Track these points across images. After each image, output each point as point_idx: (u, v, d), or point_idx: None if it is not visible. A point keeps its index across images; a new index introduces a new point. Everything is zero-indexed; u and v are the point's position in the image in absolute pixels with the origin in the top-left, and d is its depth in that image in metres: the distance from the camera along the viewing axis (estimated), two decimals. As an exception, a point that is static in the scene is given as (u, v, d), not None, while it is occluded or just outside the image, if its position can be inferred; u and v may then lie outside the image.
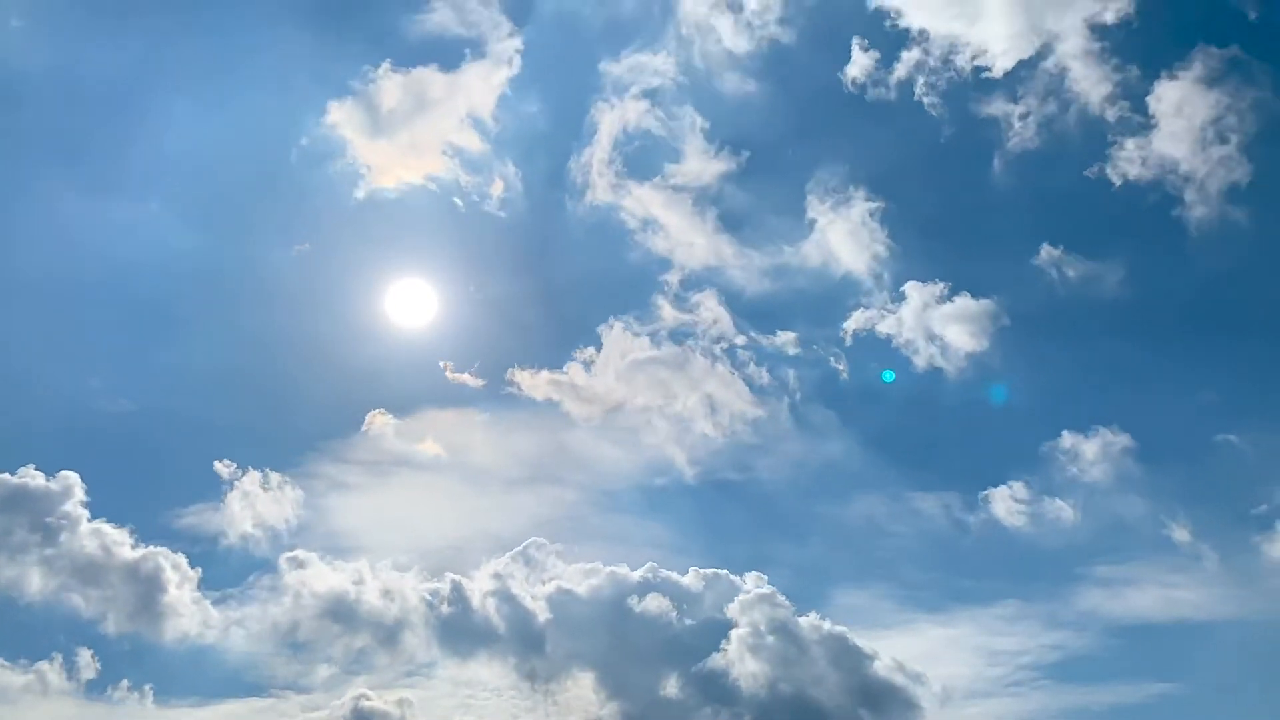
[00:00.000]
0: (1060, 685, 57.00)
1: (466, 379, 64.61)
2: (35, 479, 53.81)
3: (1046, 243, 63.68)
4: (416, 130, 67.41)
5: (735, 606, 54.97)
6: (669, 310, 66.58)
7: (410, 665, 55.29)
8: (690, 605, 55.32)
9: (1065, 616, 58.45)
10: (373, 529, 61.22)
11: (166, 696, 52.82)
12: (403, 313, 66.65)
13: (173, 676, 53.31)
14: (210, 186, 68.69)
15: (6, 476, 53.59)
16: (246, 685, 54.60)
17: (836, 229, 65.86)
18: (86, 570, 52.96)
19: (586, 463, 66.01)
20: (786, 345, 65.92)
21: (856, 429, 66.32)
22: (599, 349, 65.60)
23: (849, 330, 65.14)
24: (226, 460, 58.55)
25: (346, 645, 54.66)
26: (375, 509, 62.95)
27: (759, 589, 55.34)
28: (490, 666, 54.87)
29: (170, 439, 64.06)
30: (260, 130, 69.10)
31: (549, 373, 65.07)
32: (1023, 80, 63.28)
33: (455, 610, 55.25)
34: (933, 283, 63.80)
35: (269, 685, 54.43)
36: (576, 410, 65.20)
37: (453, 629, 55.09)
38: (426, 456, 64.11)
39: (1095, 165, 62.62)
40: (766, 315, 67.58)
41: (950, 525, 62.48)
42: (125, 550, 53.84)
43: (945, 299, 63.60)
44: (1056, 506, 59.61)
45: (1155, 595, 57.95)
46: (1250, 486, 57.69)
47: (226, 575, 56.06)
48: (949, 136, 66.09)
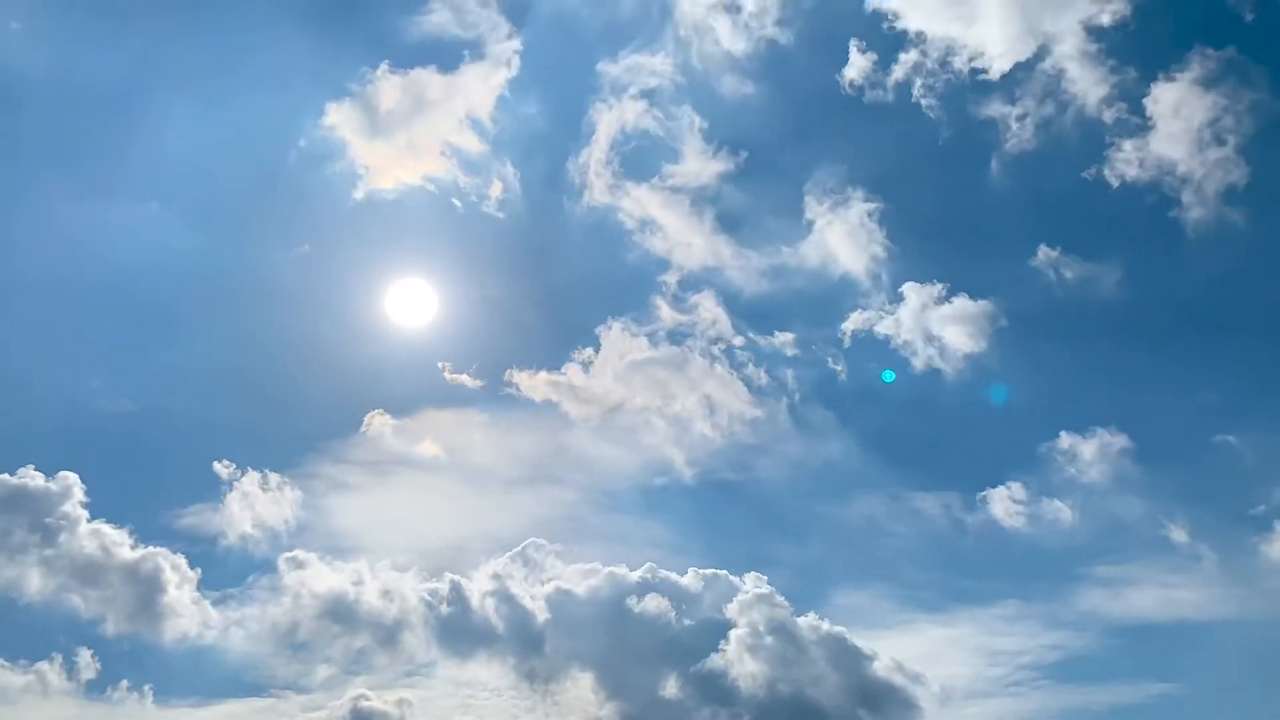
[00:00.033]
0: (1060, 685, 57.17)
1: (465, 380, 64.75)
2: (35, 479, 53.93)
3: (1044, 244, 63.88)
4: (415, 131, 67.57)
5: (734, 607, 55.12)
6: (667, 311, 66.76)
7: (410, 665, 55.44)
8: (689, 605, 55.46)
9: (1065, 616, 58.65)
10: (372, 529, 61.38)
11: (166, 697, 52.97)
12: (401, 313, 66.82)
13: (172, 677, 53.47)
14: (209, 187, 68.93)
15: (6, 477, 53.76)
16: (246, 685, 54.75)
17: (835, 230, 66.07)
18: (86, 571, 53.10)
19: (585, 463, 66.15)
20: (785, 346, 66.10)
21: (855, 430, 66.52)
22: (597, 350, 65.81)
23: (847, 331, 65.34)
24: (226, 461, 58.73)
25: (346, 645, 54.80)
26: (374, 509, 63.11)
27: (758, 589, 55.42)
28: (489, 667, 55.03)
29: (169, 440, 64.23)
30: (259, 131, 69.29)
31: (547, 373, 65.20)
32: (1020, 82, 63.52)
33: (454, 610, 55.40)
34: (931, 284, 64.00)
35: (269, 685, 54.58)
36: (575, 411, 65.37)
37: (452, 629, 55.25)
38: (425, 457, 64.27)
39: (1093, 167, 62.92)
40: (765, 316, 67.79)
41: (949, 525, 62.68)
42: (125, 551, 54.02)
43: (943, 300, 63.83)
44: (1055, 507, 59.82)
45: (1155, 595, 58.16)
46: (1248, 487, 58.00)
47: (226, 576, 56.22)
48: (947, 138, 66.33)
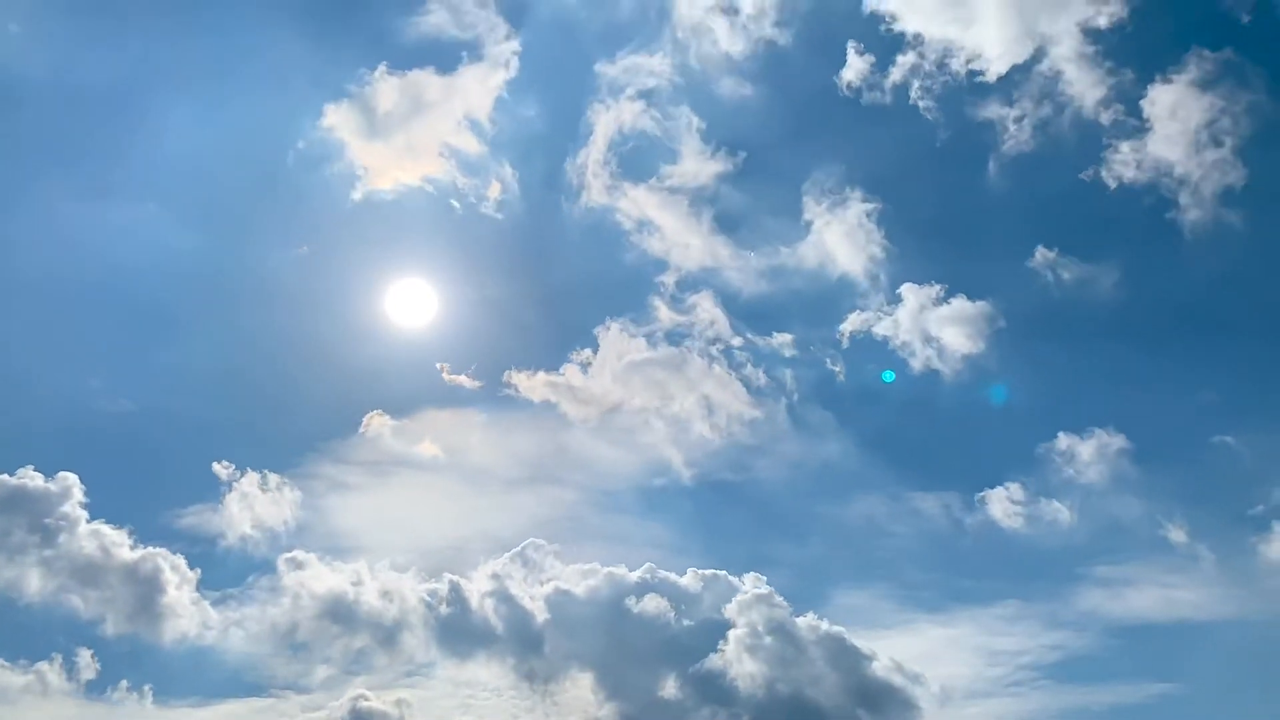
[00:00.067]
0: (1060, 685, 57.24)
1: (463, 380, 64.82)
2: (34, 480, 53.96)
3: (1042, 245, 64.03)
4: (413, 132, 67.63)
5: (733, 607, 55.18)
6: (665, 311, 66.83)
7: (409, 666, 55.47)
8: (688, 606, 55.52)
9: (1065, 616, 58.71)
10: (371, 530, 61.45)
11: (166, 697, 52.99)
12: (400, 314, 66.86)
13: (172, 677, 53.50)
14: (208, 188, 68.94)
15: (5, 477, 53.74)
16: (246, 685, 54.78)
17: (833, 230, 66.19)
18: (86, 571, 53.10)
19: (584, 464, 66.21)
20: (783, 347, 66.20)
21: (854, 430, 66.62)
22: (596, 350, 65.87)
23: (846, 332, 65.46)
24: (225, 461, 58.79)
25: (345, 646, 54.81)
26: (373, 510, 63.17)
27: (757, 589, 55.49)
28: (489, 667, 55.07)
29: (169, 440, 64.30)
30: (257, 132, 69.27)
31: (546, 374, 65.26)
32: (1017, 84, 63.70)
33: (454, 611, 55.43)
34: (929, 284, 64.17)
35: (268, 685, 54.59)
36: (574, 411, 65.43)
37: (451, 629, 55.29)
38: (424, 457, 64.30)
39: (1090, 168, 63.10)
40: (763, 317, 67.89)
41: (949, 526, 62.77)
42: (124, 551, 54.04)
43: (941, 301, 63.94)
44: (1053, 508, 59.87)
45: (1154, 596, 58.23)
46: (1247, 487, 58.10)
47: (225, 576, 56.25)
48: (944, 139, 66.50)
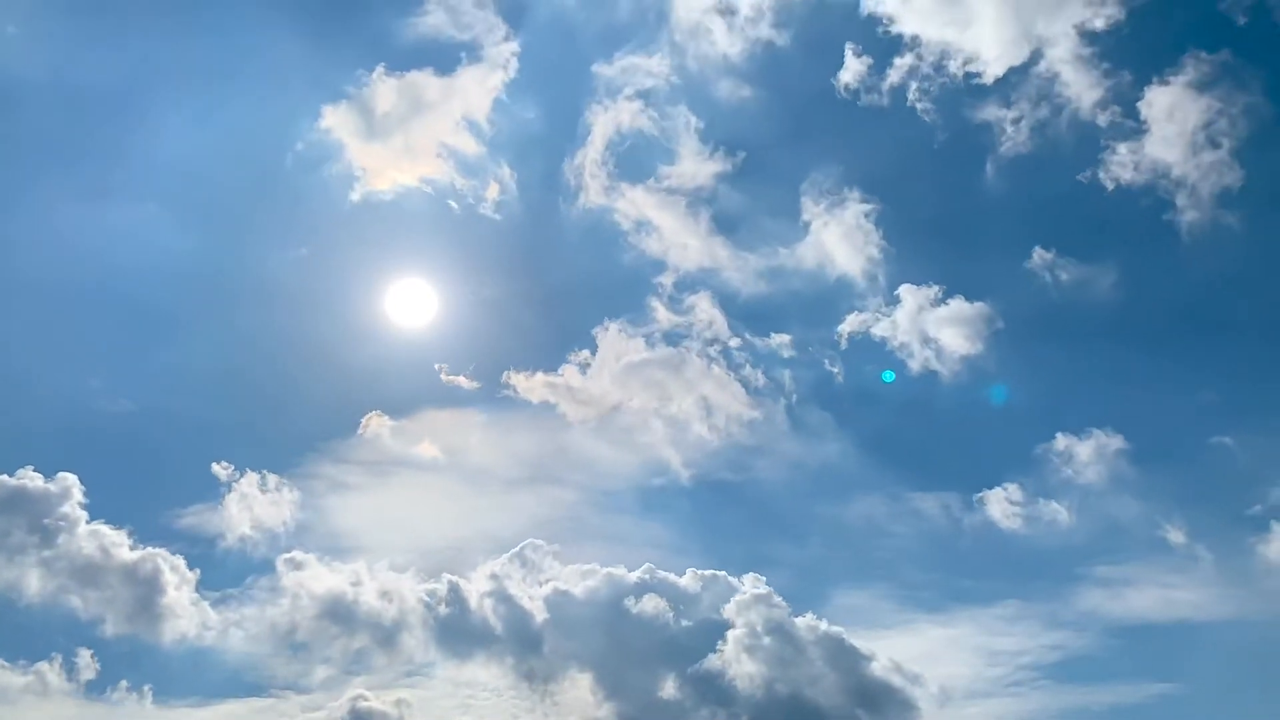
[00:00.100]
0: (1060, 685, 57.31)
1: (462, 381, 64.84)
2: (34, 480, 54.02)
3: (1039, 246, 64.08)
4: (411, 133, 67.63)
5: (732, 607, 55.27)
6: (663, 312, 66.85)
7: (409, 666, 55.53)
8: (687, 606, 55.59)
9: (1065, 617, 58.78)
10: (370, 530, 61.47)
11: (166, 697, 53.06)
12: (398, 315, 66.81)
13: (172, 677, 53.60)
14: (206, 190, 68.99)
15: (5, 478, 53.78)
16: (246, 685, 54.87)
17: (831, 231, 66.27)
18: (85, 571, 53.16)
19: (583, 464, 66.25)
20: (781, 348, 66.21)
21: (852, 431, 66.72)
22: (594, 351, 65.85)
23: (844, 333, 65.52)
24: (224, 462, 58.80)
25: (345, 646, 54.86)
26: (372, 510, 63.19)
27: (755, 590, 55.56)
28: (488, 667, 55.12)
29: (168, 441, 64.31)
30: (256, 134, 69.41)
31: (544, 375, 65.25)
32: (1015, 86, 63.79)
33: (453, 611, 55.47)
34: (927, 285, 64.23)
35: (268, 685, 54.67)
36: (572, 412, 65.45)
37: (450, 630, 55.34)
38: (423, 458, 64.29)
39: (1088, 170, 63.14)
40: (761, 317, 67.95)
41: (948, 526, 62.83)
42: (124, 551, 54.07)
43: (939, 302, 64.00)
44: (1052, 508, 59.93)
45: (1153, 596, 58.28)
46: (1245, 488, 58.21)
47: (225, 576, 56.31)
48: (942, 141, 66.57)
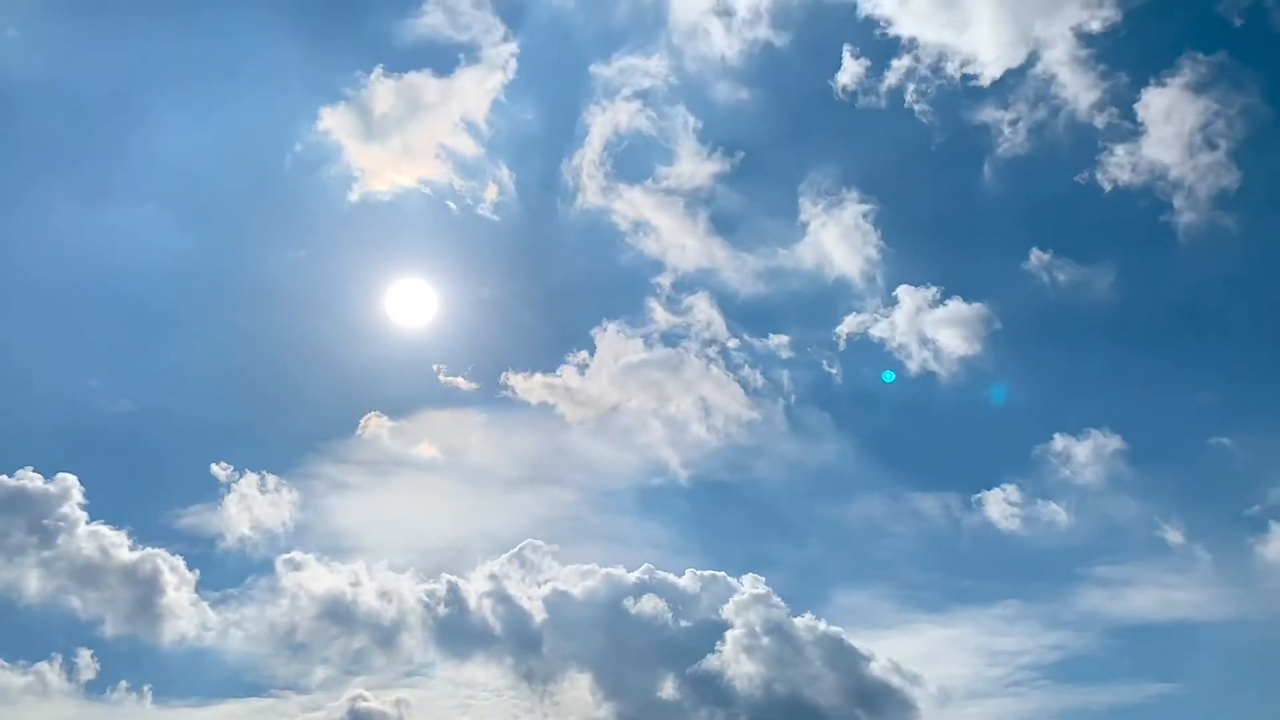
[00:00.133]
0: (1060, 685, 57.34)
1: (460, 382, 64.88)
2: (33, 481, 54.08)
3: (1037, 247, 64.20)
4: (410, 134, 67.67)
5: (730, 607, 55.34)
6: (662, 313, 66.86)
7: (408, 666, 55.61)
8: (686, 606, 55.66)
9: (1065, 617, 58.80)
10: (369, 530, 61.52)
11: (166, 697, 53.12)
12: (396, 316, 66.86)
13: (172, 677, 53.67)
14: (205, 191, 69.04)
15: (4, 479, 53.80)
16: (245, 686, 54.94)
17: (829, 232, 66.34)
18: (85, 572, 53.22)
19: (582, 465, 66.29)
20: (780, 348, 66.25)
21: (851, 431, 66.77)
22: (592, 352, 65.85)
23: (842, 334, 65.57)
24: (224, 462, 58.84)
25: (344, 646, 54.93)
26: (371, 511, 63.23)
27: (754, 590, 55.64)
28: (487, 668, 55.19)
29: (167, 442, 64.32)
30: (254, 135, 69.43)
31: (543, 375, 65.27)
32: (1012, 88, 63.92)
33: (452, 611, 55.53)
34: (925, 287, 64.31)
35: (268, 686, 54.73)
36: (571, 413, 65.47)
37: (450, 630, 55.42)
38: (422, 458, 64.30)
39: (1085, 171, 63.26)
40: (760, 318, 68.01)
41: (947, 526, 62.89)
42: (123, 552, 54.12)
43: (937, 303, 64.08)
44: (1050, 509, 59.99)
45: (1153, 596, 58.31)
46: (1243, 488, 58.20)
47: (224, 577, 56.36)
48: (940, 143, 66.67)
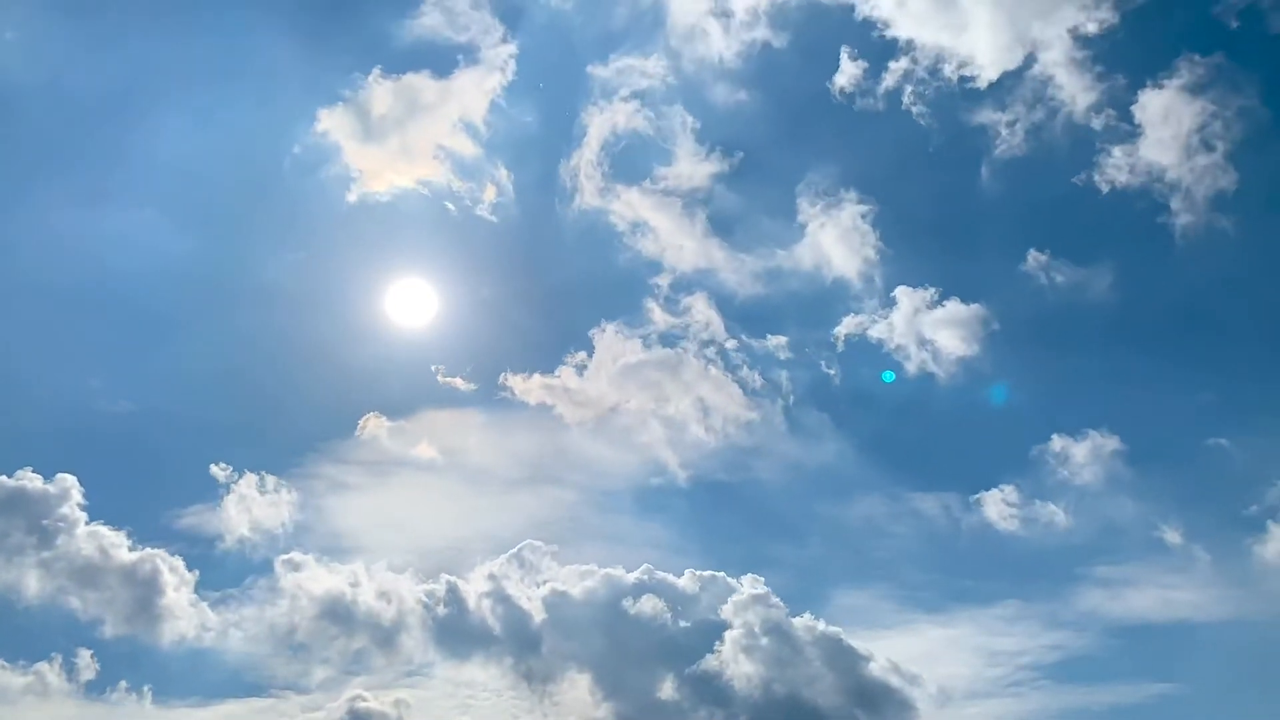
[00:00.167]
0: (1060, 685, 57.30)
1: (459, 383, 64.83)
2: (33, 481, 53.95)
3: (1034, 249, 64.16)
4: (408, 135, 67.49)
5: (729, 608, 55.37)
6: (660, 313, 66.75)
7: (407, 666, 55.58)
8: (685, 607, 55.67)
9: (1064, 617, 58.73)
10: (368, 531, 61.46)
11: (166, 697, 53.06)
12: (395, 316, 66.69)
13: (171, 678, 53.61)
14: (204, 193, 68.81)
15: (4, 479, 53.71)
16: (245, 686, 54.89)
17: (827, 233, 66.21)
18: (84, 572, 53.12)
19: (581, 465, 66.25)
20: (778, 349, 66.17)
21: (849, 432, 66.65)
22: (591, 353, 65.65)
23: (840, 335, 65.44)
24: (223, 463, 58.72)
25: (343, 646, 54.87)
26: (371, 511, 63.12)
27: (753, 590, 55.69)
28: (487, 668, 55.16)
29: (167, 442, 64.12)
30: (252, 137, 69.26)
31: (541, 376, 65.13)
32: (1009, 89, 63.78)
33: (451, 612, 55.52)
34: (923, 288, 64.25)
35: (268, 686, 54.70)
36: (570, 413, 65.30)
37: (449, 630, 55.39)
38: (421, 459, 64.15)
39: (1082, 173, 63.14)
40: (758, 319, 67.85)
41: (946, 526, 62.87)
42: (123, 552, 54.01)
43: (935, 304, 64.03)
44: (1049, 510, 59.93)
45: (1153, 596, 58.28)
46: (1241, 489, 58.14)
47: (224, 577, 56.23)
48: (937, 144, 66.47)
